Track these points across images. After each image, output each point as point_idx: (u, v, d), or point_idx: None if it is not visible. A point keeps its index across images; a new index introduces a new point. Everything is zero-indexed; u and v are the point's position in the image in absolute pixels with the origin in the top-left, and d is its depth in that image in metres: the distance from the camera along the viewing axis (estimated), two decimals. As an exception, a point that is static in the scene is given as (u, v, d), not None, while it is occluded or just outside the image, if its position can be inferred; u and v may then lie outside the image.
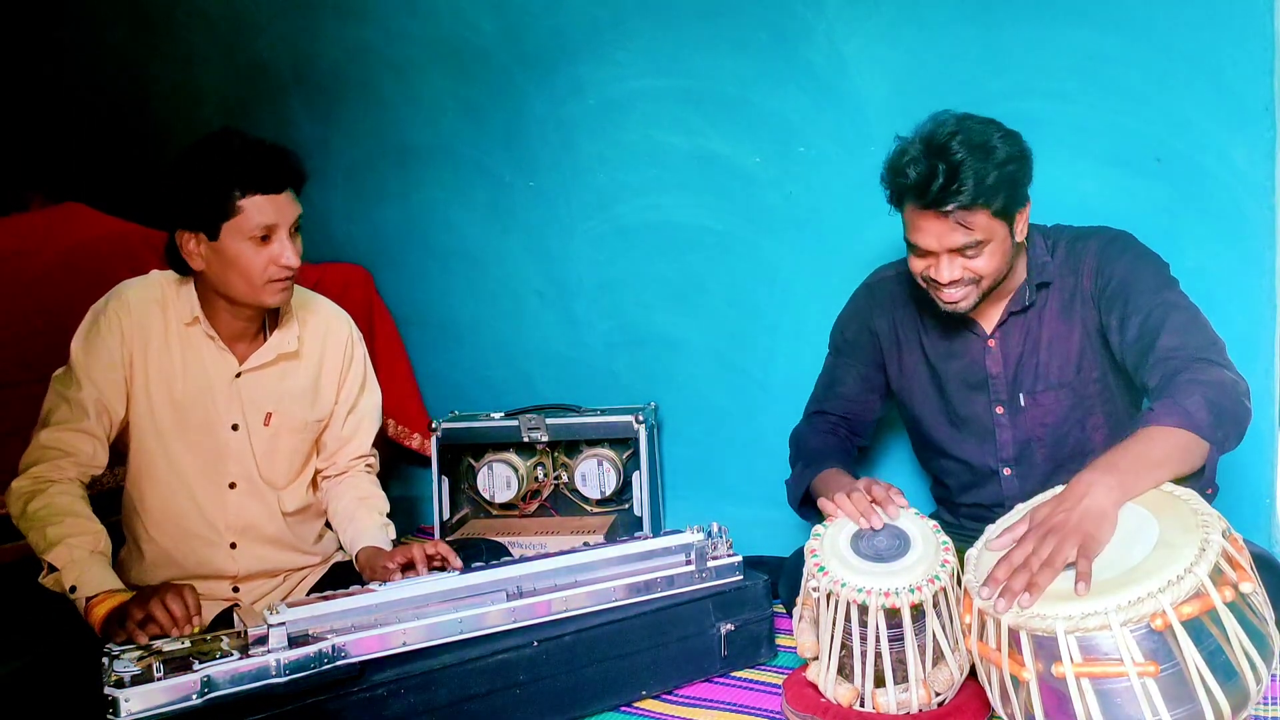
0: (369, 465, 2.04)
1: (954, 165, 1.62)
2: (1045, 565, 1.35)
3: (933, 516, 1.89)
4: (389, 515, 1.98)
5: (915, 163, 1.66)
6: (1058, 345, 1.80)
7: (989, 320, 1.85)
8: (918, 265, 1.76)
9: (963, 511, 1.97)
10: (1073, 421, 1.82)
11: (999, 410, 1.86)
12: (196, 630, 1.57)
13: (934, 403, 1.93)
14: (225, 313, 1.80)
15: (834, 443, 1.97)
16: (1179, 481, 1.45)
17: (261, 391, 1.86)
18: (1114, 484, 1.40)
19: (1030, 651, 1.32)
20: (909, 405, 1.98)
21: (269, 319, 1.87)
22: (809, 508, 1.89)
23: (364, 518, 1.93)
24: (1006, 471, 1.87)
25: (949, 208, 1.64)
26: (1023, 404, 1.83)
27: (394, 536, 1.93)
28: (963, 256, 1.70)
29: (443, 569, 1.78)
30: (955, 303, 1.75)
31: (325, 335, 1.94)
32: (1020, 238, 1.75)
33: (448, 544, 1.85)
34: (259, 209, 1.69)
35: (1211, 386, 1.51)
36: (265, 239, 1.70)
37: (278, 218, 1.70)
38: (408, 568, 1.78)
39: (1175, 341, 1.61)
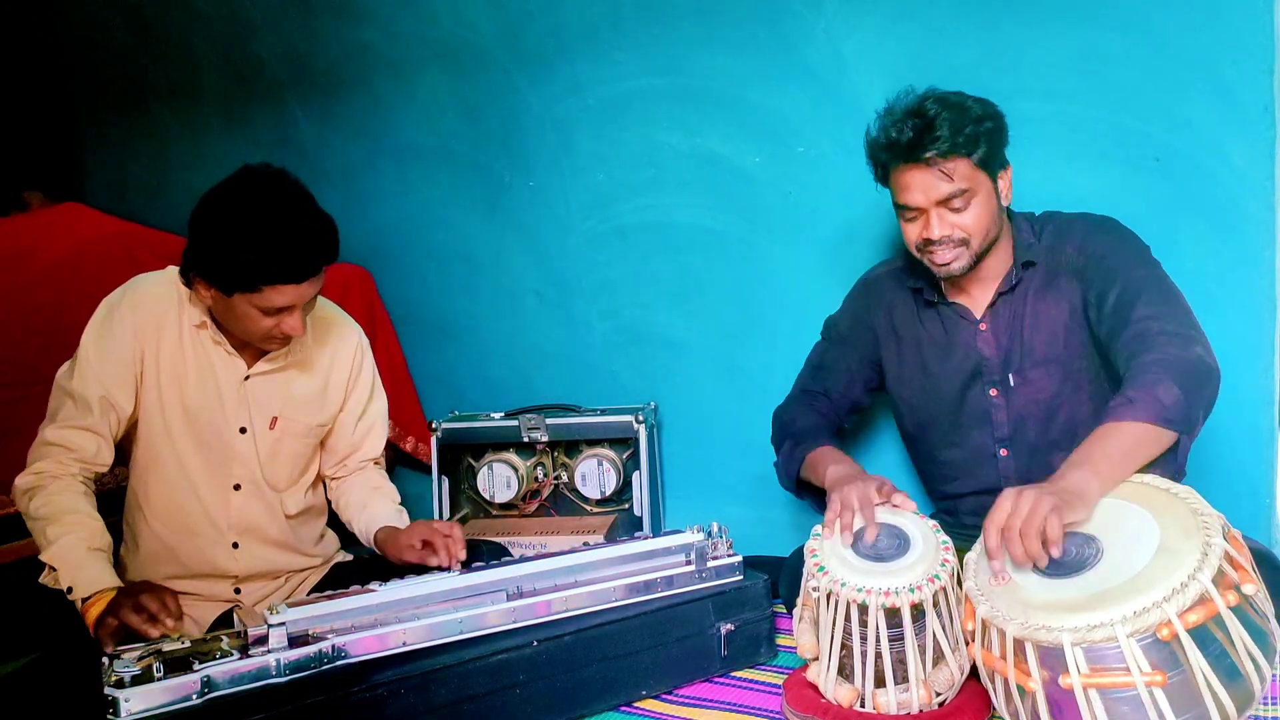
0: (376, 463, 2.05)
1: (929, 117, 1.70)
2: (1027, 524, 1.38)
3: (933, 517, 1.89)
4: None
5: (892, 125, 1.74)
6: (1044, 322, 1.82)
7: (979, 304, 1.88)
8: (911, 232, 1.80)
9: (961, 503, 1.97)
10: (1063, 397, 1.83)
11: (993, 393, 1.88)
12: (176, 634, 1.54)
13: (931, 392, 1.95)
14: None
15: (820, 420, 1.99)
16: (1151, 465, 1.50)
17: (269, 395, 1.86)
18: (1090, 474, 1.44)
19: (1036, 661, 1.32)
20: (905, 396, 2.00)
21: None
22: (801, 486, 1.93)
23: (377, 504, 1.95)
24: (1003, 453, 1.89)
25: (928, 155, 1.70)
26: (1013, 383, 1.85)
27: (408, 523, 1.93)
28: (950, 210, 1.74)
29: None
30: (948, 264, 1.78)
31: (334, 343, 1.95)
32: (1006, 200, 1.81)
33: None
34: (280, 294, 1.66)
35: (1180, 370, 1.54)
36: (276, 313, 1.70)
37: (295, 301, 1.69)
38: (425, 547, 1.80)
39: (1150, 311, 1.65)
